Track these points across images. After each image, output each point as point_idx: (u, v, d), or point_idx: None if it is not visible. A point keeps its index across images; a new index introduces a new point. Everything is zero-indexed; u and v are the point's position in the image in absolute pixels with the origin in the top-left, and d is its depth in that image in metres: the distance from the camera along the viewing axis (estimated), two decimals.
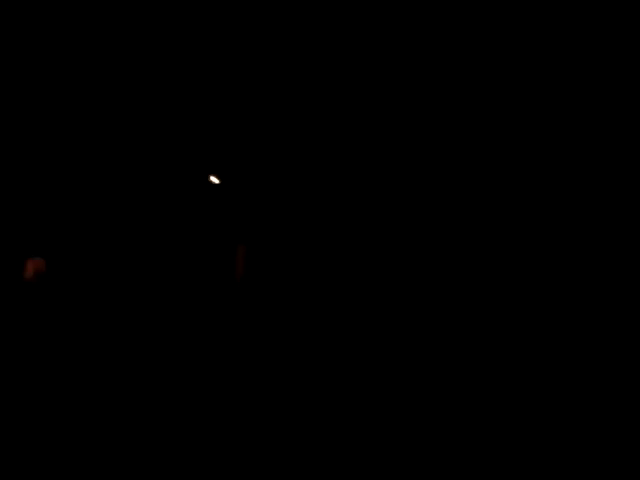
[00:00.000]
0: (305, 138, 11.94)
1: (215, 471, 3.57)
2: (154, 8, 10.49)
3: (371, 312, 11.12)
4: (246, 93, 11.70)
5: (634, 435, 3.74)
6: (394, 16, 10.91)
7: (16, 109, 11.25)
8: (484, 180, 11.19)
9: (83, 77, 11.22)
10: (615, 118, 10.40)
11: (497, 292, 10.22)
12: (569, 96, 10.73)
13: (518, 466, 3.20)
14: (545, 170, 10.85)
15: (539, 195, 10.89)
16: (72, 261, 10.93)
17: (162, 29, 10.84)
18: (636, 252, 9.91)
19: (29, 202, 11.31)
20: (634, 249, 9.97)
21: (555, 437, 3.73)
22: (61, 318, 10.55)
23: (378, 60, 11.01)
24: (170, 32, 10.86)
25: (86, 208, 11.38)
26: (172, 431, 4.76)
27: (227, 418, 5.04)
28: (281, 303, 11.15)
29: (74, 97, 11.38)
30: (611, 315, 9.02)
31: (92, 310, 11.07)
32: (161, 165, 11.73)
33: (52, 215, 11.04)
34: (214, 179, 11.58)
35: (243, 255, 11.53)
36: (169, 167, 11.75)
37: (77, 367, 8.55)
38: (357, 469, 3.28)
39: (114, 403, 5.83)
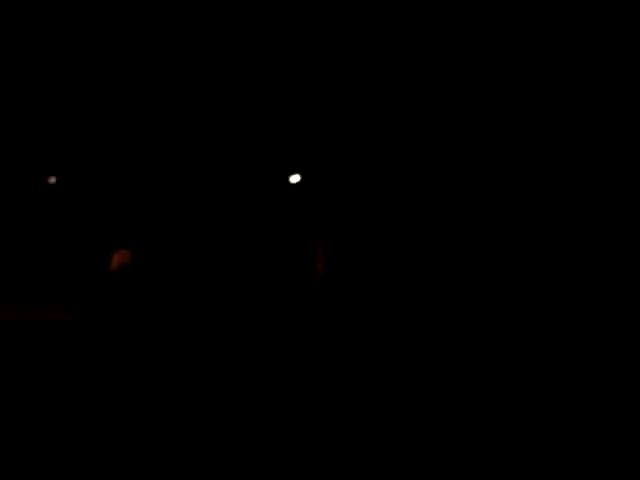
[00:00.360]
0: (383, 134, 11.91)
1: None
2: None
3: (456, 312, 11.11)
4: (330, 89, 11.69)
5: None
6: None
7: (84, 102, 11.31)
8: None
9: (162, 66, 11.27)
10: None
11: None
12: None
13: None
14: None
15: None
16: (156, 254, 11.00)
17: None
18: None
19: (116, 194, 11.39)
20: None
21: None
22: (145, 309, 10.62)
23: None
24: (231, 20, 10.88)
25: (172, 203, 11.44)
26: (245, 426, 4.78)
27: (311, 419, 5.07)
28: (361, 303, 11.15)
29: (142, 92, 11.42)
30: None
31: (173, 303, 11.15)
32: (241, 163, 11.76)
33: (139, 207, 11.10)
34: (293, 178, 11.60)
35: (322, 254, 11.53)
36: (249, 165, 11.78)
37: (156, 357, 8.60)
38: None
39: (186, 396, 5.89)
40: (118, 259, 11.43)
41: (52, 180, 11.99)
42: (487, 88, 10.79)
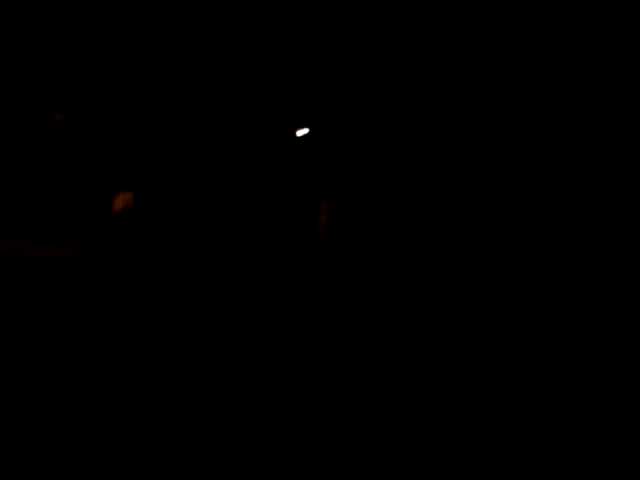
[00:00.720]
0: (398, 90, 11.76)
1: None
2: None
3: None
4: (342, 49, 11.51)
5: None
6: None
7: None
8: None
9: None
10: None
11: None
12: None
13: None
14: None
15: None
16: (159, 196, 10.93)
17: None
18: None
19: (122, 136, 11.28)
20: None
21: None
22: (147, 251, 10.60)
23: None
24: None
25: (176, 147, 11.33)
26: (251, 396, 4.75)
27: (312, 380, 5.03)
28: (364, 261, 11.09)
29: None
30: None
31: (175, 246, 11.11)
32: (246, 114, 11.62)
33: (143, 150, 11.01)
34: (300, 131, 11.45)
35: (327, 208, 11.45)
36: (254, 116, 11.63)
37: (158, 302, 8.58)
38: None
39: (190, 342, 5.85)
40: (121, 200, 11.41)
41: (59, 117, 11.87)
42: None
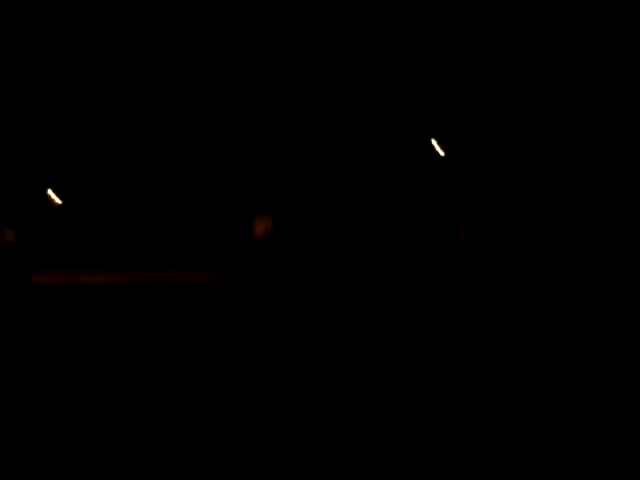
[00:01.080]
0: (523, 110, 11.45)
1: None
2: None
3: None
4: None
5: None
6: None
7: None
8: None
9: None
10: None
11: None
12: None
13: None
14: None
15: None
16: (298, 220, 11.13)
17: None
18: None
19: (260, 164, 11.61)
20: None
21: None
22: (287, 274, 10.80)
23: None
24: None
25: (314, 172, 11.53)
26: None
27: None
28: (504, 274, 10.77)
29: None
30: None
31: (316, 267, 11.26)
32: (386, 128, 11.63)
33: (282, 176, 11.26)
34: (438, 148, 11.33)
35: (466, 222, 11.23)
36: (394, 130, 11.63)
37: (308, 325, 8.67)
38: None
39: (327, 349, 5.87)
40: (261, 226, 11.67)
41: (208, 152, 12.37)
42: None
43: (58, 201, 17.90)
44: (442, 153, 10.29)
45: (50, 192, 17.68)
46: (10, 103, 13.50)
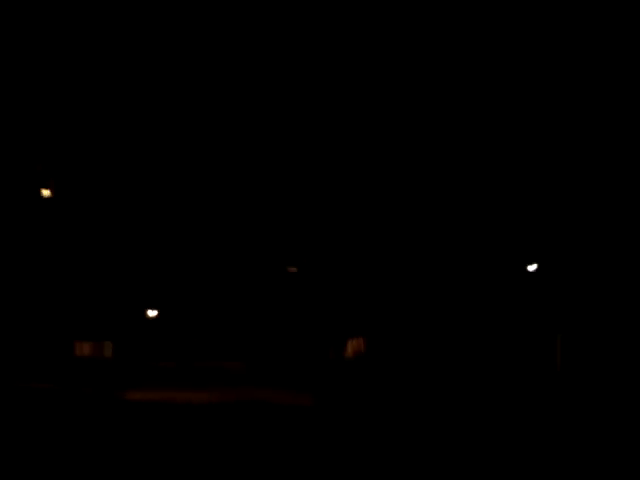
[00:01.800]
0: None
1: None
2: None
3: None
4: None
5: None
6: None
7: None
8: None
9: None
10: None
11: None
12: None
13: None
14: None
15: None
16: (390, 342, 11.13)
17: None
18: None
19: (355, 288, 11.78)
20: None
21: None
22: (376, 396, 10.72)
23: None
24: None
25: (403, 296, 11.61)
26: None
27: None
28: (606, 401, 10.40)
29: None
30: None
31: (410, 388, 11.13)
32: (471, 253, 11.70)
33: (372, 297, 11.38)
34: (530, 266, 11.30)
35: (561, 344, 11.00)
36: (482, 252, 11.68)
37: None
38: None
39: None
40: (352, 346, 11.72)
41: (293, 269, 12.64)
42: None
43: (153, 314, 18.47)
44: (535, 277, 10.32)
45: (147, 309, 18.28)
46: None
